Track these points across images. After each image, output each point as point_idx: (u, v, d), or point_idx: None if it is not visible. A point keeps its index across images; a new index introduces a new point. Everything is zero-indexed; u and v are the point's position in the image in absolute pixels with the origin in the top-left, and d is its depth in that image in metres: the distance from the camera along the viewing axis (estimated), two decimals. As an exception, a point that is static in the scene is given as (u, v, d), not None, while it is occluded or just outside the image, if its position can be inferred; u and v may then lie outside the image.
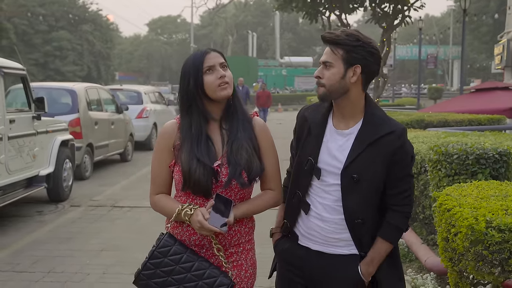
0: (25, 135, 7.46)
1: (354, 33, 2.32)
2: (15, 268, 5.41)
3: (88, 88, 11.25)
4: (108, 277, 5.20)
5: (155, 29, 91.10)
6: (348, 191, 2.34)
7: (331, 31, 2.37)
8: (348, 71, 2.30)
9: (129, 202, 8.44)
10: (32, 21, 48.25)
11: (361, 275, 2.38)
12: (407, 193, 2.41)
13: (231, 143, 2.37)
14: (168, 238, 2.34)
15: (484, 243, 2.50)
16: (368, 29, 78.23)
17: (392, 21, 14.86)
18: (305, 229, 2.47)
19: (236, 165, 2.33)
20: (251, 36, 62.06)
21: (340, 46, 2.30)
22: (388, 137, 2.32)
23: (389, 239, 2.40)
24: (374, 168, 2.32)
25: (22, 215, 7.66)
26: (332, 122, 2.43)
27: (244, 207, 2.39)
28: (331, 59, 2.32)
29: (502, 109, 11.96)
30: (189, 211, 2.29)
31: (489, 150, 4.08)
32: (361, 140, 2.33)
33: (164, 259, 2.31)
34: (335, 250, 2.42)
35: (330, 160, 2.37)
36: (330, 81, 2.32)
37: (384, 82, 15.61)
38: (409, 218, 2.46)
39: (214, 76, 2.34)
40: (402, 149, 2.35)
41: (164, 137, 2.43)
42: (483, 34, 55.46)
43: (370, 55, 2.32)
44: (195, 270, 2.30)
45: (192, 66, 2.36)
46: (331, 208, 2.39)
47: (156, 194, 2.45)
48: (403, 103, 27.86)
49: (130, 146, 13.39)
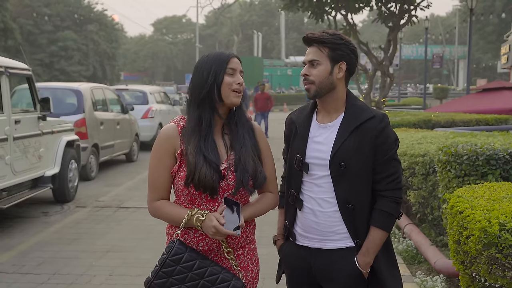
0: (31, 136, 7.44)
1: (336, 33, 2.49)
2: (21, 270, 5.39)
3: (94, 88, 11.24)
4: (114, 278, 5.17)
5: (160, 29, 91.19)
6: (338, 179, 2.41)
7: (312, 32, 2.51)
8: (335, 67, 2.44)
9: (135, 203, 8.42)
10: (38, 21, 48.39)
11: (359, 267, 2.42)
12: (395, 177, 2.46)
13: (239, 149, 2.36)
14: (179, 246, 2.30)
15: (497, 246, 2.46)
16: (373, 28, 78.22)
17: (398, 20, 14.80)
18: (302, 227, 2.53)
19: (244, 172, 2.32)
20: (256, 36, 62.05)
21: (326, 44, 2.43)
22: (369, 121, 2.43)
23: (382, 227, 2.44)
24: (360, 153, 2.40)
25: (28, 216, 7.64)
26: (316, 119, 2.55)
27: (249, 211, 2.39)
28: (318, 57, 2.45)
29: (509, 109, 11.90)
30: (201, 216, 2.26)
31: (499, 151, 4.03)
32: (344, 128, 2.44)
33: (177, 266, 2.27)
34: (332, 244, 2.47)
35: (317, 153, 2.46)
36: (320, 78, 2.44)
37: (391, 81, 15.56)
38: (400, 203, 2.50)
39: (233, 79, 2.35)
40: (384, 132, 2.44)
41: (166, 142, 2.37)
42: (489, 33, 55.25)
43: (352, 52, 2.48)
44: (208, 276, 2.27)
45: (216, 62, 2.34)
46: (323, 201, 2.46)
47: (156, 200, 2.39)
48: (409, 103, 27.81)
49: (136, 146, 13.37)
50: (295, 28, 79.20)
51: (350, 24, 15.33)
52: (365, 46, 15.53)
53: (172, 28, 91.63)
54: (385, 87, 15.62)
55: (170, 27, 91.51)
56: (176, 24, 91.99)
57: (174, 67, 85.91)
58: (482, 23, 52.94)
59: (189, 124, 2.35)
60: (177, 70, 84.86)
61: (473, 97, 15.34)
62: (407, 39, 64.78)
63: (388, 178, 2.44)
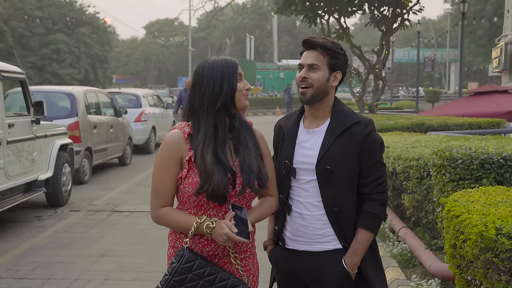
0: (24, 140, 7.40)
1: (336, 42, 2.55)
2: (15, 275, 5.36)
3: (87, 91, 11.21)
4: (109, 283, 5.15)
5: (153, 32, 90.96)
6: (324, 183, 2.46)
7: (313, 36, 2.55)
8: (331, 75, 2.50)
9: (129, 207, 8.40)
10: (29, 24, 48.11)
11: (346, 267, 2.46)
12: (381, 180, 2.52)
13: (243, 151, 2.38)
14: (190, 253, 2.29)
15: (494, 250, 2.47)
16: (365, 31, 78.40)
17: (391, 24, 14.87)
18: (291, 231, 2.57)
19: (249, 172, 2.34)
20: (248, 39, 62.01)
21: (328, 51, 2.48)
22: (355, 126, 2.47)
23: (370, 229, 2.49)
24: (346, 158, 2.45)
25: (21, 221, 7.60)
26: (304, 125, 2.59)
27: (253, 215, 2.41)
28: (319, 62, 2.48)
29: (501, 112, 11.97)
30: (211, 224, 2.26)
31: (494, 154, 4.05)
32: (331, 133, 2.49)
33: (188, 274, 2.26)
34: (320, 247, 2.51)
35: (304, 158, 2.51)
36: (318, 83, 2.48)
37: (384, 85, 15.62)
38: (386, 205, 2.56)
39: (243, 84, 2.39)
40: (370, 137, 2.48)
41: (171, 148, 2.35)
42: (480, 37, 55.50)
43: (346, 63, 2.57)
44: (219, 282, 2.28)
45: (228, 70, 2.36)
46: (311, 205, 2.50)
47: (161, 207, 2.37)
48: (402, 106, 27.90)
49: (129, 149, 13.33)
50: (288, 32, 79.27)
51: (343, 27, 15.39)
52: (357, 49, 15.59)
53: (164, 31, 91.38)
54: (378, 90, 15.68)
55: (162, 30, 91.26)
56: (168, 27, 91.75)
57: (166, 70, 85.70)
58: (474, 26, 53.22)
59: (204, 132, 2.35)
60: (169, 73, 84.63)
61: (465, 100, 15.40)
62: (399, 43, 65.03)
63: (375, 182, 2.50)
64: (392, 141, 6.50)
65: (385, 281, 2.63)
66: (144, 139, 14.89)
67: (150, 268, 5.45)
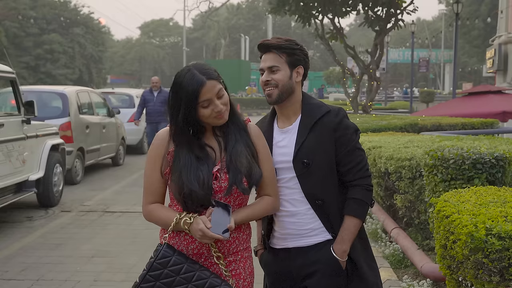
0: (14, 140, 7.34)
1: (291, 38, 2.58)
2: (4, 276, 5.30)
3: (79, 91, 11.15)
4: (99, 284, 5.11)
5: (147, 32, 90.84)
6: (304, 177, 2.49)
7: (266, 39, 2.60)
8: (293, 72, 2.54)
9: (121, 207, 8.34)
10: (23, 24, 47.94)
11: (335, 255, 2.47)
12: (361, 165, 2.53)
13: (230, 150, 2.34)
14: (167, 249, 2.27)
15: (484, 251, 2.45)
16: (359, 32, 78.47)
17: (385, 24, 14.87)
18: (280, 231, 2.58)
19: (236, 172, 2.29)
20: (243, 40, 62.05)
21: (283, 50, 2.52)
22: (326, 116, 2.52)
23: (356, 215, 2.49)
24: (322, 149, 2.49)
25: (11, 221, 7.54)
26: (277, 125, 2.63)
27: (243, 213, 2.35)
28: (277, 63, 2.52)
29: (494, 112, 12.00)
30: (188, 219, 2.24)
31: (486, 154, 4.03)
32: (303, 128, 2.53)
33: (164, 270, 2.24)
34: (310, 240, 2.52)
35: (282, 157, 2.54)
36: (282, 82, 2.51)
37: (377, 85, 15.62)
38: (371, 191, 2.56)
39: (210, 109, 2.29)
40: (341, 124, 2.51)
41: (159, 146, 2.37)
42: (474, 38, 55.66)
43: (306, 56, 2.60)
44: (196, 280, 2.23)
45: (187, 96, 2.27)
46: (296, 201, 2.52)
47: (149, 204, 2.38)
48: (396, 107, 27.95)
49: (122, 150, 13.28)
50: (282, 32, 79.17)
51: (337, 28, 15.38)
52: (352, 50, 15.59)
53: (159, 32, 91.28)
54: (372, 90, 15.68)
55: (157, 31, 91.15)
56: (163, 27, 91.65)
57: (161, 71, 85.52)
58: (468, 27, 53.36)
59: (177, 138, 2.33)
60: (164, 73, 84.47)
61: (459, 101, 15.43)
62: (393, 43, 65.12)
63: (355, 168, 2.51)
64: (384, 141, 6.47)
65: (377, 270, 2.63)
66: (137, 139, 14.84)
67: (140, 269, 5.32)
